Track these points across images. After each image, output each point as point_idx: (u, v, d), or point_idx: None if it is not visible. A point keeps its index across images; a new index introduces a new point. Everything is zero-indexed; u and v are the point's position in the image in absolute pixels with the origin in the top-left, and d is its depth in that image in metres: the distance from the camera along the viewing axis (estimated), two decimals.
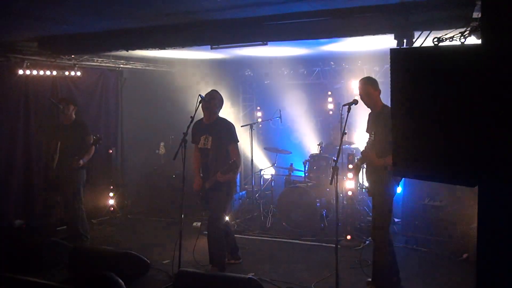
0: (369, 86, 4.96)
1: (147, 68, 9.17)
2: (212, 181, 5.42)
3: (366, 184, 6.78)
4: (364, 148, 5.22)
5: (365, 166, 5.31)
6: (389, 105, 4.76)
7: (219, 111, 5.62)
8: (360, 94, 5.03)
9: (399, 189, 6.79)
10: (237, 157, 5.39)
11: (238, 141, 5.61)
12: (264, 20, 5.18)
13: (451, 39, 2.69)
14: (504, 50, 2.15)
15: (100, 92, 8.64)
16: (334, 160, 4.49)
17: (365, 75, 6.32)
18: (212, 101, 5.49)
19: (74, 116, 6.75)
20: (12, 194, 7.17)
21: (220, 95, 5.64)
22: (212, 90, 5.64)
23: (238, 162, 5.35)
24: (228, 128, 5.54)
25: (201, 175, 5.62)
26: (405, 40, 4.67)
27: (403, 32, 4.67)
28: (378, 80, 5.06)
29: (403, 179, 6.45)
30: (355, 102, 4.93)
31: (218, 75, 9.18)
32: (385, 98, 3.99)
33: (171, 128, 8.95)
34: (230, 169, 5.26)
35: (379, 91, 5.00)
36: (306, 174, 7.95)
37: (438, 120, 2.33)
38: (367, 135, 5.16)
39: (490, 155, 2.19)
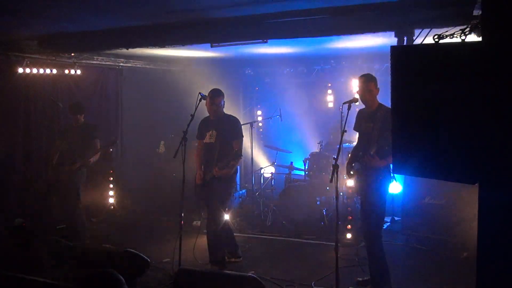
0: (371, 83, 4.90)
1: (147, 66, 9.15)
2: (211, 173, 5.48)
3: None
4: (354, 149, 5.21)
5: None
6: (385, 104, 4.78)
7: (223, 108, 5.74)
8: (360, 91, 4.96)
9: (398, 188, 6.79)
10: (239, 150, 5.51)
11: (243, 136, 5.76)
12: (264, 18, 5.18)
13: (451, 37, 2.69)
14: (504, 48, 2.15)
15: (100, 90, 8.63)
16: (334, 158, 4.47)
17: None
18: (215, 99, 5.61)
19: (82, 119, 6.78)
20: (12, 193, 7.16)
21: (222, 92, 5.74)
22: (214, 89, 5.70)
23: (240, 152, 5.47)
24: (233, 124, 5.71)
25: (203, 169, 5.66)
26: (405, 38, 4.66)
27: (404, 30, 4.66)
28: (378, 78, 5.03)
29: (403, 177, 6.46)
30: (355, 100, 4.91)
31: (219, 74, 9.16)
32: (386, 96, 3.98)
33: (171, 127, 8.93)
34: (232, 159, 5.36)
35: (378, 89, 4.98)
36: (306, 172, 7.95)
37: (438, 117, 2.33)
38: (356, 133, 5.15)
39: (489, 152, 2.19)
